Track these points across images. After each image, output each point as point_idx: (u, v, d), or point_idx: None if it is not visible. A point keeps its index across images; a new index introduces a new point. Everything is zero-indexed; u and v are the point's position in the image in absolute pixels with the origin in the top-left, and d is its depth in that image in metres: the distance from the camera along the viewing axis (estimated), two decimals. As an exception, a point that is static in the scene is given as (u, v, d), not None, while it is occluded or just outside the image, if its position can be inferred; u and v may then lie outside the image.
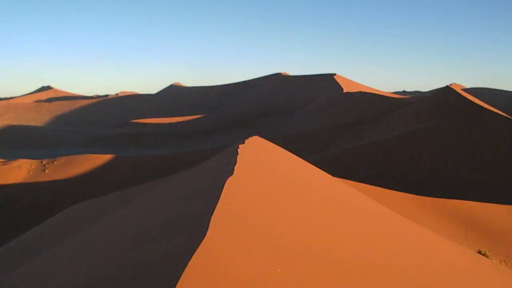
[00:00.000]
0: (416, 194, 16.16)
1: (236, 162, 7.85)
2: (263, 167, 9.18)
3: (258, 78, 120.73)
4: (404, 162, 27.45)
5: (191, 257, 3.10)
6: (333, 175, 13.11)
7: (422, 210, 12.75)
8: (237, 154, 9.02)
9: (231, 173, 6.63)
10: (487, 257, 9.05)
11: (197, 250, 3.22)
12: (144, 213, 7.06)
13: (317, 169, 11.88)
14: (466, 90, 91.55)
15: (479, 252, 9.25)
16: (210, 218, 4.07)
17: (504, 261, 9.92)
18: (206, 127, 78.36)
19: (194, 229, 3.92)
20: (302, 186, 8.31)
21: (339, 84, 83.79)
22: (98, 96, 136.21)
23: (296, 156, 12.74)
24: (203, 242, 3.37)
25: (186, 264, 2.98)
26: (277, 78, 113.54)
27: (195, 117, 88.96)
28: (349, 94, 72.56)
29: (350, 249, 4.59)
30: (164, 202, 7.27)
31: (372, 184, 18.96)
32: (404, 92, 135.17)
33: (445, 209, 12.93)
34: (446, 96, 41.04)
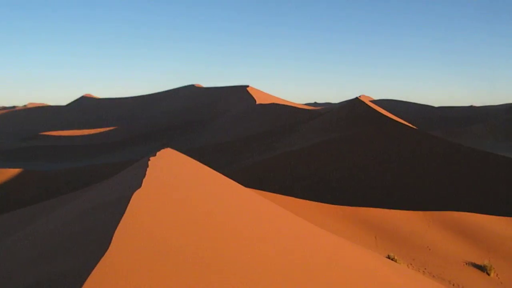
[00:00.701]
0: (328, 203, 16.60)
1: (145, 174, 7.61)
2: (172, 179, 8.96)
3: (171, 90, 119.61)
4: (316, 172, 28.22)
5: (91, 271, 3.01)
6: (246, 186, 13.12)
7: (333, 219, 13.10)
8: (147, 166, 8.75)
9: (139, 185, 6.41)
10: (396, 261, 9.43)
11: (98, 264, 3.15)
12: (49, 229, 6.65)
13: (230, 180, 11.83)
14: (374, 101, 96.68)
15: (388, 257, 9.61)
16: (114, 232, 3.92)
17: (411, 264, 10.39)
18: (119, 140, 76.33)
19: (97, 243, 3.81)
20: (212, 198, 8.19)
21: (252, 96, 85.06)
22: (4, 108, 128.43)
23: (208, 168, 12.62)
24: (104, 256, 3.28)
25: (86, 279, 2.90)
26: (191, 90, 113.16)
27: (107, 129, 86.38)
28: (262, 105, 73.86)
29: (256, 259, 4.54)
30: (70, 216, 6.90)
31: (285, 195, 19.25)
32: (315, 104, 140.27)
33: (355, 217, 13.38)
34: (355, 107, 42.89)
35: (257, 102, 78.21)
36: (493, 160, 26.47)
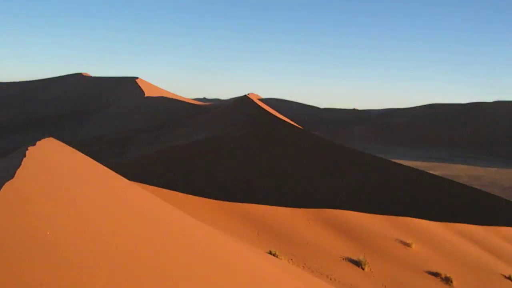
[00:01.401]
0: (213, 199, 16.57)
1: (20, 165, 6.96)
2: (50, 170, 8.32)
3: (57, 77, 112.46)
4: (202, 168, 28.16)
5: None
6: (130, 179, 12.66)
7: (217, 214, 13.09)
8: (24, 156, 8.03)
9: (12, 176, 5.84)
10: (277, 257, 9.60)
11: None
12: None
13: (113, 172, 11.31)
14: (262, 100, 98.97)
15: (270, 252, 9.76)
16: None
17: (291, 259, 10.64)
18: (-2, 128, 70.27)
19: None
20: (92, 190, 7.74)
21: (140, 88, 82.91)
22: None
23: (92, 160, 11.96)
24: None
25: None
26: (77, 78, 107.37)
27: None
28: (150, 98, 72.34)
29: (120, 252, 4.32)
30: None
31: (170, 189, 18.93)
32: (204, 99, 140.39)
33: (240, 213, 13.50)
34: (243, 105, 43.56)
35: (146, 95, 76.47)
36: (370, 161, 28.27)
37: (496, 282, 16.04)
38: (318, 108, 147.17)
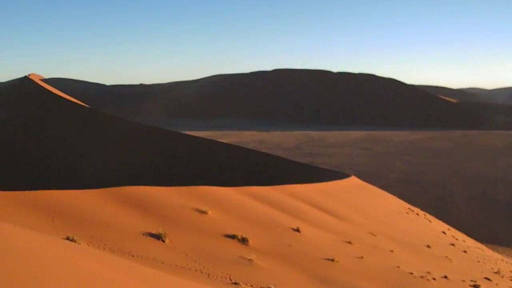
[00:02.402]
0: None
1: None
2: None
3: None
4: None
5: None
6: None
7: (3, 207, 12.23)
8: None
9: None
10: (75, 242, 9.51)
11: None
12: None
13: None
14: (45, 80, 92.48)
15: (67, 238, 9.61)
16: None
17: (91, 242, 10.61)
18: None
19: None
20: None
21: None
22: None
23: None
24: None
25: None
26: None
27: None
28: None
29: None
30: None
31: None
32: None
33: (30, 201, 12.79)
34: (24, 86, 40.50)
35: None
36: (161, 134, 28.88)
37: (287, 235, 18.17)
38: (104, 85, 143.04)
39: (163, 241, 12.60)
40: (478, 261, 29.66)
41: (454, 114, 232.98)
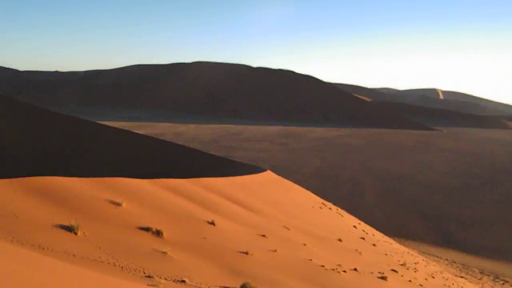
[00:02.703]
0: None
1: None
2: None
3: None
4: None
5: None
6: None
7: None
8: None
9: None
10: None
11: None
12: None
13: None
14: None
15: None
16: None
17: (-2, 234, 10.30)
18: None
19: None
20: None
21: None
22: None
23: None
24: None
25: None
26: None
27: None
28: None
29: None
30: None
31: None
32: None
33: None
34: None
35: None
36: (76, 124, 28.03)
37: (202, 228, 18.39)
38: (18, 71, 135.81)
39: (75, 234, 12.39)
40: (386, 254, 31.46)
41: (367, 113, 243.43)
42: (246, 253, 17.21)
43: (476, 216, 72.64)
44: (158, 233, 15.42)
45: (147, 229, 15.35)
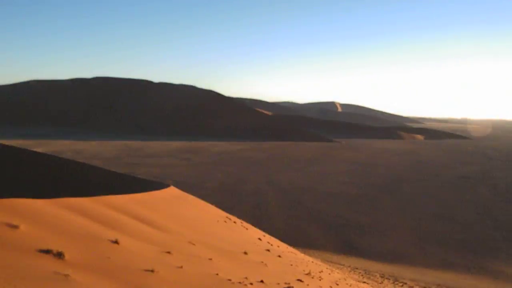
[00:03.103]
0: None
1: None
2: None
3: None
4: None
5: None
6: None
7: None
8: None
9: None
10: None
11: None
12: None
13: None
14: None
15: None
16: None
17: None
18: None
19: None
20: None
21: None
22: None
23: None
24: None
25: None
26: None
27: None
28: None
29: None
30: None
31: None
32: None
33: None
34: None
35: None
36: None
37: (105, 248, 18.14)
38: None
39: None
40: (291, 265, 32.49)
41: (269, 126, 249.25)
42: (152, 271, 17.19)
43: (375, 223, 76.97)
44: (59, 255, 15.03)
45: (47, 252, 14.93)
